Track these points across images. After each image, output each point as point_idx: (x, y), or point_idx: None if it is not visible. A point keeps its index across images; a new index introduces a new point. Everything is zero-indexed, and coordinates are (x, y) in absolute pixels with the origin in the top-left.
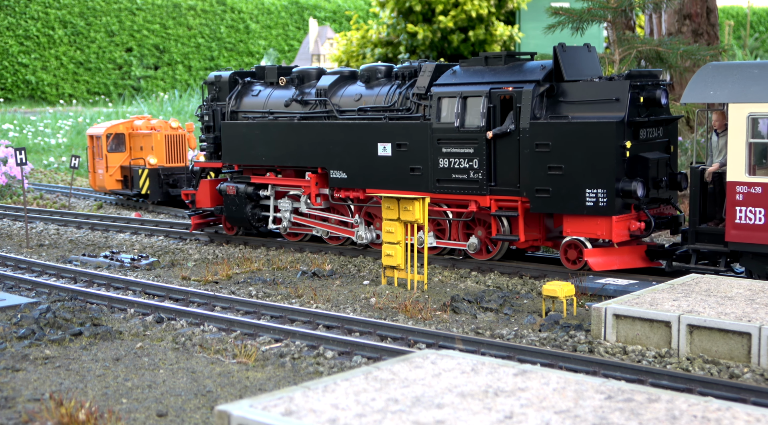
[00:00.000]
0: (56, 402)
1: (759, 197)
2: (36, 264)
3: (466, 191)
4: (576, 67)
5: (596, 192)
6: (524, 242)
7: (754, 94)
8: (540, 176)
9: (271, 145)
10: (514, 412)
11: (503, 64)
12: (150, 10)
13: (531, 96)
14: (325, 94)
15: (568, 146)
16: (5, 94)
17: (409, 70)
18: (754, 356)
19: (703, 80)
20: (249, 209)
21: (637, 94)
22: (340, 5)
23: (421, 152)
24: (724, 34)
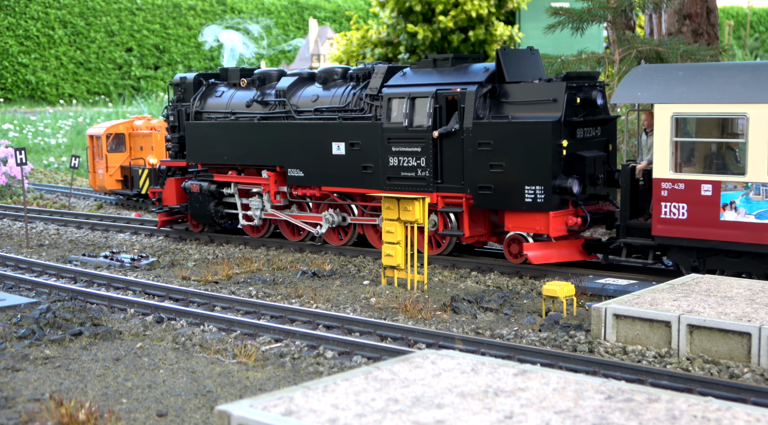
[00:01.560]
0: (56, 402)
1: (682, 193)
2: (36, 264)
3: (414, 188)
4: (518, 69)
5: (534, 189)
6: (470, 238)
7: (678, 95)
8: (482, 174)
9: (232, 144)
10: (514, 412)
11: (450, 66)
12: (150, 10)
13: (474, 97)
14: (284, 95)
15: (509, 144)
16: (5, 94)
17: (363, 71)
18: (754, 356)
19: (632, 82)
20: (212, 207)
21: (574, 95)
22: (340, 5)
23: (372, 150)
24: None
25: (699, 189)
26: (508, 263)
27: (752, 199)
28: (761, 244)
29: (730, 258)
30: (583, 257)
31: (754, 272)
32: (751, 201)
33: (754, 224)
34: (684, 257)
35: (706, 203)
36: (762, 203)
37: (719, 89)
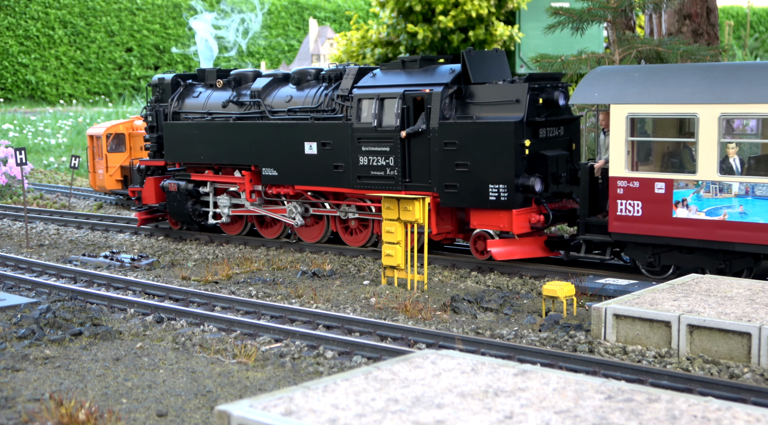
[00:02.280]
0: (56, 402)
1: (637, 191)
2: (36, 264)
3: (383, 187)
4: (483, 70)
5: (498, 188)
6: (438, 235)
7: (633, 96)
8: (448, 173)
9: (209, 144)
10: (514, 412)
11: (418, 67)
12: (150, 10)
13: (440, 98)
14: (259, 96)
15: (473, 144)
16: (5, 94)
17: (335, 72)
18: (754, 356)
19: (590, 83)
20: (190, 205)
21: (536, 95)
22: (340, 5)
23: (343, 150)
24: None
25: (653, 187)
26: (509, 263)
27: (703, 197)
28: (711, 240)
29: (683, 254)
30: (546, 254)
31: (707, 268)
32: (702, 199)
33: (705, 221)
34: (640, 253)
35: (660, 201)
36: (712, 200)
37: (671, 90)
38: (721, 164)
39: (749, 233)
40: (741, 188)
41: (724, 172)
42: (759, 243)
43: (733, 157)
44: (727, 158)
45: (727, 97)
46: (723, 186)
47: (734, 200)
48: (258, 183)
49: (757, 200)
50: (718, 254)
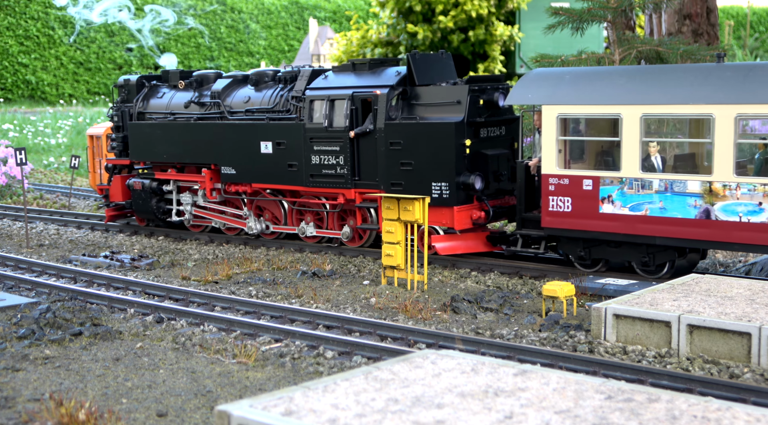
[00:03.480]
0: (56, 402)
1: (567, 187)
2: (36, 264)
3: (334, 184)
4: (429, 72)
5: (440, 185)
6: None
7: (563, 97)
8: (394, 171)
9: (171, 143)
10: (514, 412)
11: (368, 69)
12: None
13: (386, 99)
14: (219, 97)
15: (417, 144)
16: (5, 94)
17: (291, 74)
18: (754, 356)
19: (525, 85)
20: (154, 203)
21: (477, 97)
22: (340, 5)
23: (296, 149)
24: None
25: (581, 184)
26: (509, 263)
27: (626, 193)
28: (635, 234)
29: (611, 248)
30: (488, 249)
31: (633, 261)
32: (626, 195)
33: (628, 216)
34: (572, 247)
35: (588, 197)
36: (635, 196)
37: (598, 92)
38: (644, 162)
39: (668, 228)
40: (661, 184)
41: (646, 170)
42: (677, 237)
43: (655, 155)
44: (649, 157)
45: (648, 98)
46: (645, 183)
47: (655, 196)
48: (218, 181)
49: (675, 196)
50: (642, 248)
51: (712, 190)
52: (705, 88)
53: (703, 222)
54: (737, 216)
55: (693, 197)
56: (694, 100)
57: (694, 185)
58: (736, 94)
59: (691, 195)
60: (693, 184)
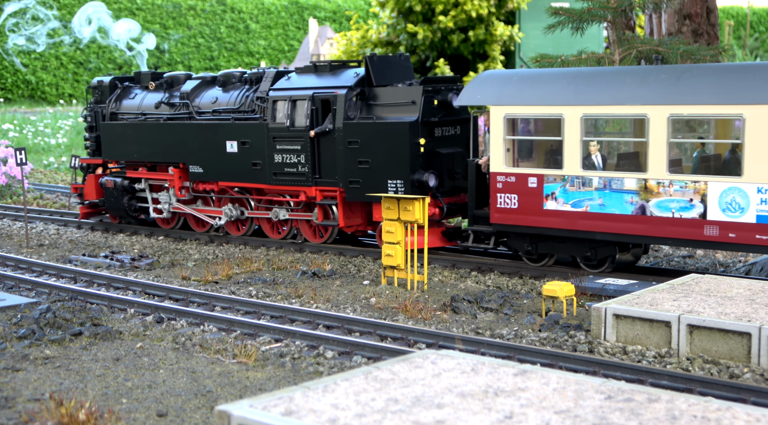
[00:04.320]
0: (56, 402)
1: (514, 185)
2: (36, 264)
3: (296, 182)
4: (386, 74)
5: (396, 183)
6: (349, 227)
7: (509, 98)
8: (352, 169)
9: (142, 143)
10: (514, 412)
11: (328, 71)
12: (150, 10)
13: (344, 99)
14: (188, 98)
15: (374, 143)
16: (5, 94)
17: (256, 75)
18: (754, 356)
19: (474, 86)
20: (126, 201)
21: (431, 97)
22: (340, 5)
23: (260, 148)
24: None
25: (527, 182)
26: (509, 263)
27: (568, 190)
28: (577, 230)
29: (556, 243)
30: (444, 244)
31: (577, 256)
32: (568, 192)
33: (570, 212)
34: (519, 242)
35: (533, 194)
36: (576, 193)
37: (542, 93)
38: (584, 160)
39: (607, 223)
40: (600, 182)
41: (587, 168)
42: (615, 232)
43: (595, 154)
44: (589, 155)
45: (588, 99)
46: (585, 180)
47: (595, 193)
48: (186, 180)
49: (613, 193)
50: (585, 243)
51: (647, 187)
52: (641, 90)
53: (639, 218)
54: (670, 212)
55: (630, 194)
56: (630, 101)
57: (631, 183)
58: (668, 95)
59: (628, 192)
60: (630, 181)
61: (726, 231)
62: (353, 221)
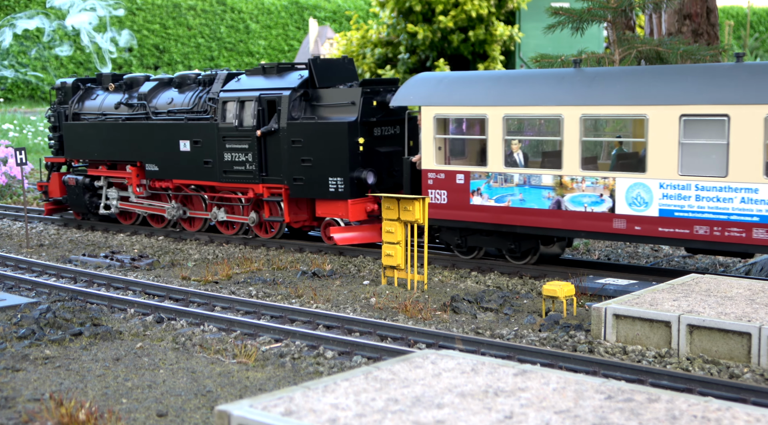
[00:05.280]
0: (56, 402)
1: (443, 181)
2: (36, 264)
3: (245, 180)
4: (329, 76)
5: (336, 180)
6: (296, 223)
7: (438, 99)
8: (296, 167)
9: (102, 142)
10: (514, 412)
11: (276, 73)
12: (150, 10)
13: (288, 100)
14: (145, 99)
15: (315, 142)
16: (5, 94)
17: (209, 77)
18: (754, 356)
19: (407, 87)
20: (87, 198)
21: (370, 98)
22: (340, 5)
23: (211, 147)
24: (724, 34)
25: (455, 178)
26: (508, 263)
27: (492, 186)
28: (500, 224)
29: (483, 237)
30: None
31: (503, 249)
32: (492, 188)
33: (494, 207)
34: (450, 236)
35: (460, 190)
36: (499, 189)
37: (469, 95)
38: (507, 158)
39: (527, 218)
40: (520, 178)
41: (509, 165)
42: (534, 226)
43: (517, 152)
44: (512, 153)
45: (509, 100)
46: (507, 177)
47: (515, 189)
48: (144, 177)
49: (532, 188)
50: (509, 236)
51: (563, 183)
52: (556, 92)
53: (555, 212)
54: (583, 206)
55: (547, 189)
56: (547, 102)
57: (548, 179)
58: (581, 97)
59: (545, 188)
60: (547, 178)
61: (632, 224)
62: (300, 216)
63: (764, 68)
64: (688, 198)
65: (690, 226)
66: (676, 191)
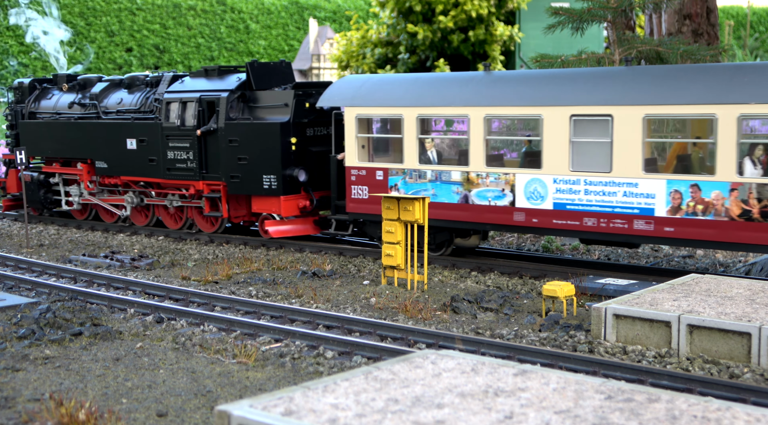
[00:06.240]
0: (56, 402)
1: (364, 177)
2: (36, 264)
3: (186, 177)
4: (266, 79)
5: (270, 177)
6: (236, 218)
7: (360, 100)
8: (233, 165)
9: (56, 140)
10: (514, 412)
11: (217, 75)
12: (150, 10)
13: (226, 102)
14: (96, 99)
15: (251, 141)
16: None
17: (157, 79)
18: (754, 356)
19: (333, 89)
20: (42, 194)
21: (303, 100)
22: (340, 5)
23: (155, 146)
24: (724, 34)
25: (375, 175)
26: (508, 263)
27: (408, 182)
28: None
29: None
30: (317, 232)
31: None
32: (408, 183)
33: None
34: (373, 229)
35: (380, 186)
36: (414, 184)
37: (387, 96)
38: (421, 155)
39: (439, 211)
40: (433, 174)
41: (423, 162)
42: (445, 219)
43: (431, 150)
44: (426, 151)
45: (423, 101)
46: (421, 173)
47: (429, 185)
48: (94, 174)
49: (443, 184)
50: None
51: (469, 179)
52: (464, 93)
53: (463, 206)
54: (487, 200)
55: (456, 185)
56: (456, 103)
57: (457, 175)
58: (485, 98)
59: (455, 183)
60: (456, 174)
61: (531, 217)
62: (239, 212)
63: (644, 71)
64: (578, 192)
65: (580, 218)
66: (568, 185)
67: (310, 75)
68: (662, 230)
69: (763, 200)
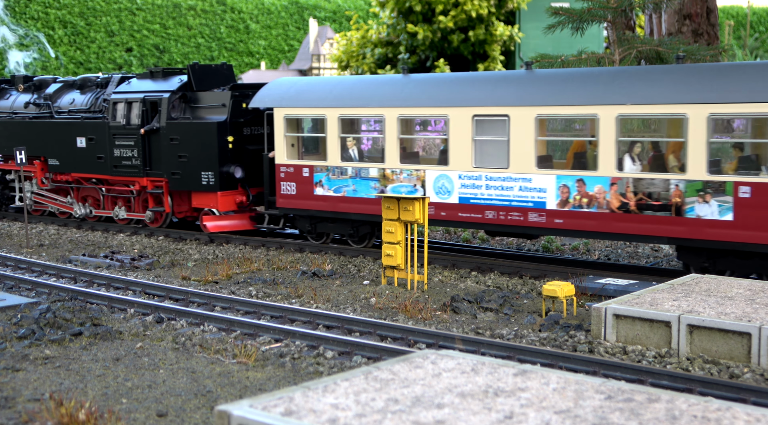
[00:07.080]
0: (56, 402)
1: (292, 174)
2: (36, 264)
3: (131, 173)
4: (207, 80)
5: (208, 174)
6: (178, 213)
7: (288, 101)
8: (174, 162)
9: (11, 139)
10: (514, 412)
11: (161, 76)
12: (150, 10)
13: (168, 102)
14: (50, 99)
15: (191, 139)
16: None
17: (107, 80)
18: (754, 356)
19: (265, 91)
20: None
21: (239, 101)
22: (340, 5)
23: (103, 144)
24: (724, 34)
25: (302, 172)
26: (508, 263)
27: (331, 178)
28: (338, 212)
29: (329, 224)
30: (253, 227)
31: (344, 234)
32: (331, 180)
33: (333, 197)
34: (302, 223)
35: (306, 182)
36: (337, 181)
37: (312, 98)
38: (343, 153)
39: (359, 206)
40: (353, 171)
41: (345, 159)
42: (364, 213)
43: (352, 148)
44: (347, 149)
45: (343, 103)
46: (343, 170)
47: (349, 181)
48: (47, 171)
49: (362, 180)
50: (348, 223)
51: (385, 175)
52: (380, 94)
53: (379, 200)
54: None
55: (373, 180)
56: (373, 104)
57: (374, 171)
58: (398, 99)
59: (372, 179)
60: (373, 170)
61: (439, 210)
62: (182, 207)
63: (539, 75)
64: (480, 187)
65: (482, 211)
66: (471, 180)
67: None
68: (553, 222)
69: (639, 193)
